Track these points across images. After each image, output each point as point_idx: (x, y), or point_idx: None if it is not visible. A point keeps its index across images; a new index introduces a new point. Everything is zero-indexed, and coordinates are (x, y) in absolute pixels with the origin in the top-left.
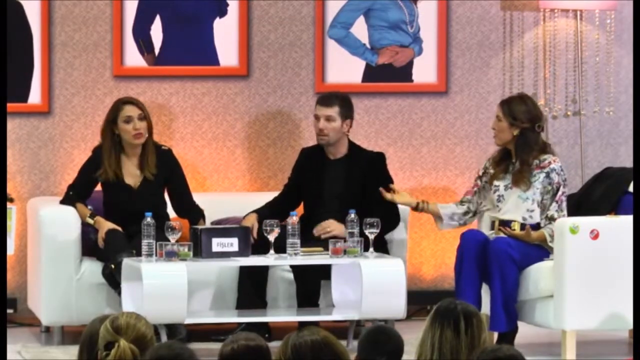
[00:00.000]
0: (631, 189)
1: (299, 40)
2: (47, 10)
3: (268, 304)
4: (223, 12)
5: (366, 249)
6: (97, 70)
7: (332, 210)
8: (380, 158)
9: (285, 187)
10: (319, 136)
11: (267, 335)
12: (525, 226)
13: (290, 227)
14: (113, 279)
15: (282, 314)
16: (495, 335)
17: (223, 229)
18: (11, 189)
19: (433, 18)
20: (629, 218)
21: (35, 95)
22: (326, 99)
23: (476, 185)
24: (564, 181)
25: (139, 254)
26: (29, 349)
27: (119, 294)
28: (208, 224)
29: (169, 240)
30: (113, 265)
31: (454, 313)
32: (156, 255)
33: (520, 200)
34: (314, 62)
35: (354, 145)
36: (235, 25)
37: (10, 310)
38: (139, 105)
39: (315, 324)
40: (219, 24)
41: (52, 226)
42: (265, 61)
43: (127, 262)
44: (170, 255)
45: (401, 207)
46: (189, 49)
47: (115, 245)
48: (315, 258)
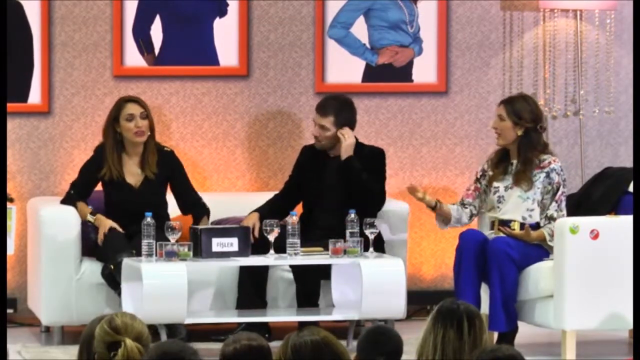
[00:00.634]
0: (631, 189)
1: (299, 40)
2: (47, 10)
3: (268, 304)
4: (223, 12)
5: (366, 249)
6: (97, 70)
7: (332, 208)
8: (378, 153)
9: (286, 185)
10: (315, 140)
11: (267, 335)
12: (524, 226)
13: (290, 227)
14: (112, 279)
15: (282, 314)
16: (495, 335)
17: (223, 229)
18: (11, 189)
19: (433, 18)
20: (629, 218)
21: (35, 95)
22: (322, 107)
23: (477, 188)
24: (563, 181)
25: (139, 254)
26: (29, 349)
27: (119, 294)
28: (208, 224)
29: (169, 240)
30: (112, 266)
31: (456, 313)
32: (156, 255)
33: (520, 200)
34: (314, 62)
35: (356, 142)
36: (235, 25)
37: (10, 310)
38: (142, 103)
39: (315, 324)
40: (219, 24)
41: (52, 226)
42: (265, 61)
43: (127, 262)
44: (170, 255)
45: (401, 207)
46: (189, 49)
47: (114, 246)
48: (315, 258)
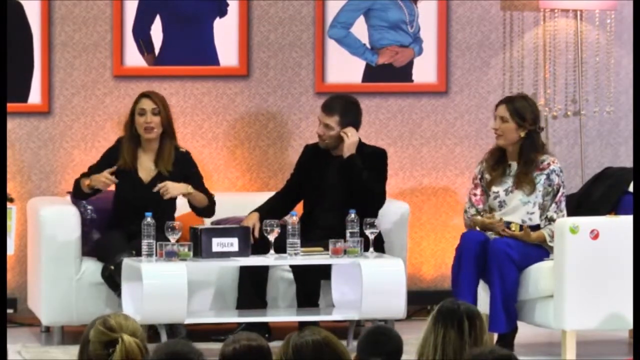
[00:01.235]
0: (631, 189)
1: (299, 40)
2: (47, 10)
3: (268, 304)
4: (223, 12)
5: (366, 249)
6: (97, 70)
7: (333, 208)
8: (380, 153)
9: (287, 183)
10: (319, 138)
11: (267, 335)
12: (522, 227)
13: (290, 227)
14: (112, 280)
15: (282, 314)
16: (495, 335)
17: (223, 229)
18: (11, 189)
19: (433, 18)
20: (629, 218)
21: (35, 95)
22: (328, 106)
23: (483, 192)
24: (563, 182)
25: (140, 254)
26: (29, 349)
27: (119, 295)
28: (208, 224)
29: (169, 240)
30: (112, 267)
31: (457, 314)
32: (156, 255)
33: (521, 204)
34: (314, 62)
35: (359, 142)
36: (235, 25)
37: (10, 310)
38: (155, 99)
39: (315, 324)
40: (219, 24)
41: (52, 226)
42: (265, 61)
43: (127, 262)
44: (170, 255)
45: (401, 207)
46: (189, 49)
47: (114, 246)
48: (315, 258)
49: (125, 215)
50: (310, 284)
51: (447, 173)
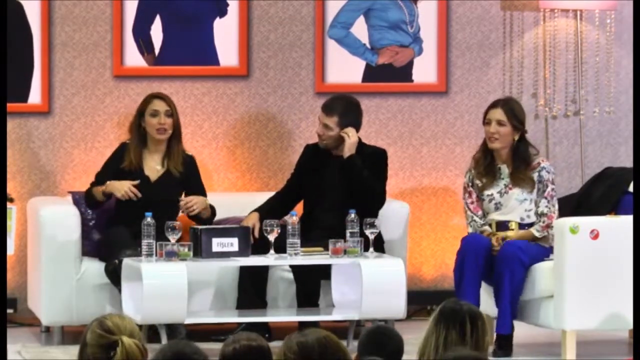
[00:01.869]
0: (631, 189)
1: (299, 40)
2: (47, 10)
3: (268, 304)
4: (223, 12)
5: (366, 249)
6: (97, 70)
7: (333, 208)
8: (380, 153)
9: (287, 183)
10: (318, 138)
11: (267, 335)
12: (523, 226)
13: (290, 227)
14: (116, 275)
15: (282, 314)
16: (494, 336)
17: (223, 229)
18: (11, 189)
19: (433, 18)
20: (629, 218)
21: (35, 95)
22: (328, 106)
23: (477, 199)
24: (553, 179)
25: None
26: (29, 349)
27: (120, 291)
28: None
29: (169, 240)
30: (117, 261)
31: (459, 314)
32: (156, 255)
33: (517, 202)
34: (314, 62)
35: (359, 142)
36: (235, 25)
37: (10, 310)
38: (168, 101)
39: (315, 324)
40: (219, 24)
41: (52, 226)
42: (265, 61)
43: (127, 262)
44: (170, 255)
45: (401, 207)
46: (189, 49)
47: (121, 242)
48: (315, 258)
49: (130, 213)
50: (310, 284)
51: (447, 173)
